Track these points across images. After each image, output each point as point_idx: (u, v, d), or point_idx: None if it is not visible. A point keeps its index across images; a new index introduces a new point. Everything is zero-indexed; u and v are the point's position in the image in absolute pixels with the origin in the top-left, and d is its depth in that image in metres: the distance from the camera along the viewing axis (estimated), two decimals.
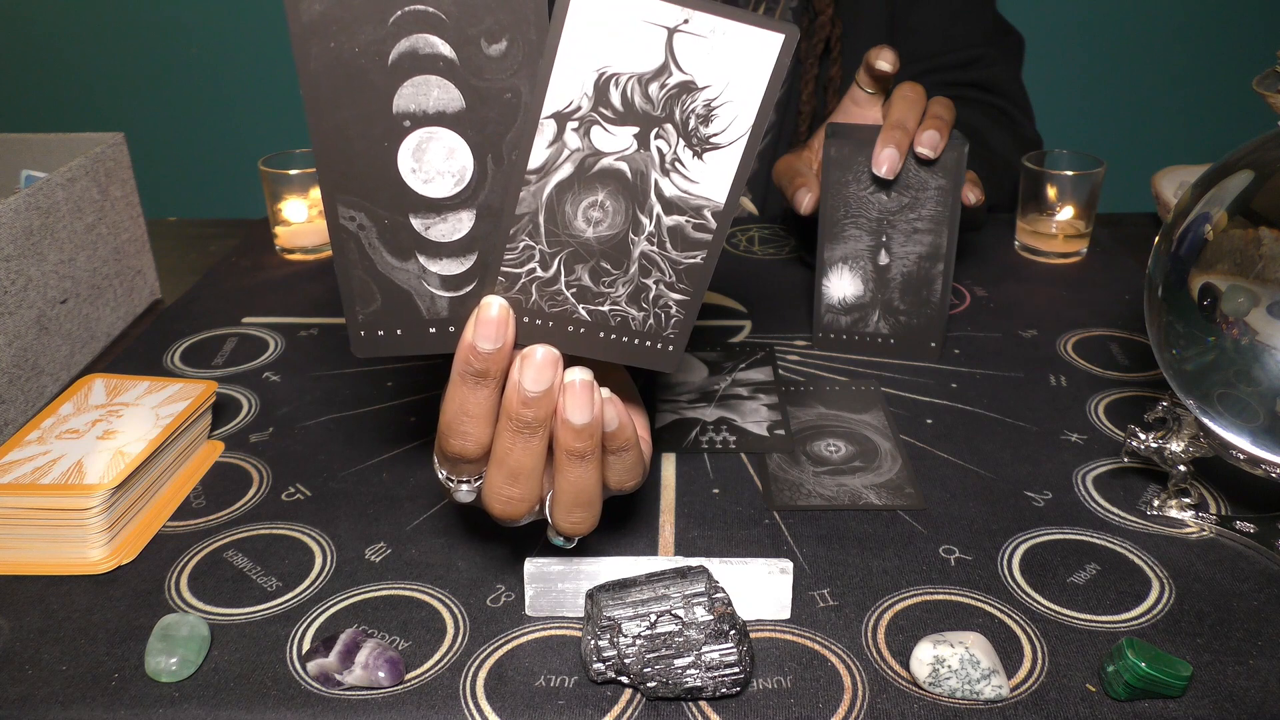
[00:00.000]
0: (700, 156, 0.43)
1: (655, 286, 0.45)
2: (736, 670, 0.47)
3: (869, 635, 0.51)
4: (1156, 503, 0.60)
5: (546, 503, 0.48)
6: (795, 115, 1.03)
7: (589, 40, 0.40)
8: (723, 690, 0.47)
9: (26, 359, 0.73)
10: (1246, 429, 0.52)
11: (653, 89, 0.41)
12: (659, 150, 0.43)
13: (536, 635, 0.52)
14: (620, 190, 0.43)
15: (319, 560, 0.57)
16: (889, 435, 0.68)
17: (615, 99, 0.41)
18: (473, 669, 0.50)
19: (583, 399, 0.44)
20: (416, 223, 0.43)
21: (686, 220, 0.44)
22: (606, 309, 0.45)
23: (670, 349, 0.47)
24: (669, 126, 0.42)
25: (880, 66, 0.76)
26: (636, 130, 0.42)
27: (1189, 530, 0.58)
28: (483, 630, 0.52)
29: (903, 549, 0.57)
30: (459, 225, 0.43)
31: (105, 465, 0.57)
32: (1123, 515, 0.60)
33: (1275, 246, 0.49)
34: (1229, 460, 0.55)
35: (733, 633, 0.47)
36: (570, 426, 0.44)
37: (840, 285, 0.76)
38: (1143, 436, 0.58)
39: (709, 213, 0.44)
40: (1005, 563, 0.56)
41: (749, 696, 0.48)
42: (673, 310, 0.46)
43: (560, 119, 0.41)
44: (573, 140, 0.42)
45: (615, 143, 0.42)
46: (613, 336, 0.46)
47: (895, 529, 0.59)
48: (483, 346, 0.43)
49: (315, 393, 0.74)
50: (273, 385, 0.76)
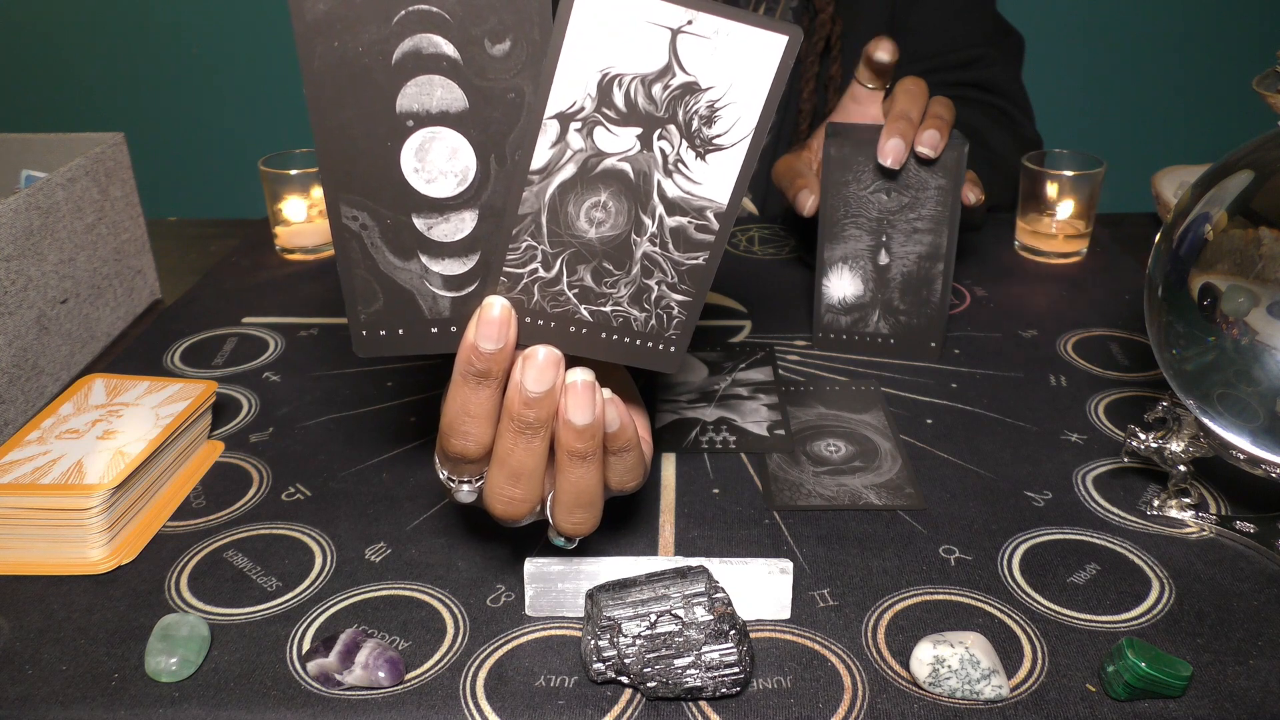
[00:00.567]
0: (703, 158, 0.43)
1: (657, 287, 0.45)
2: (736, 670, 0.47)
3: (869, 635, 0.51)
4: (1156, 503, 0.60)
5: (547, 503, 0.48)
6: (795, 114, 1.03)
7: (592, 41, 0.40)
8: (723, 690, 0.47)
9: (26, 359, 0.73)
10: (1246, 429, 0.52)
11: (656, 90, 0.41)
12: (662, 151, 0.43)
13: (536, 635, 0.52)
14: (623, 191, 0.43)
15: (319, 560, 0.57)
16: (889, 435, 0.68)
17: (618, 100, 0.41)
18: (473, 669, 0.50)
19: (584, 400, 0.44)
20: (419, 222, 0.43)
21: (689, 221, 0.44)
22: (608, 309, 0.45)
23: (672, 350, 0.47)
24: (672, 127, 0.42)
25: (879, 57, 0.76)
26: (639, 131, 0.42)
27: (1189, 530, 0.58)
28: (483, 630, 0.52)
29: (903, 549, 0.57)
30: (461, 225, 0.43)
31: (105, 465, 0.57)
32: (1123, 515, 0.60)
33: (1275, 246, 0.49)
34: (1229, 460, 0.55)
35: (733, 633, 0.47)
36: (572, 427, 0.44)
37: (840, 285, 0.76)
38: (1143, 436, 0.58)
39: (711, 214, 0.44)
40: (1005, 563, 0.56)
41: (749, 696, 0.48)
42: (675, 311, 0.46)
43: (563, 119, 0.41)
44: (576, 141, 0.42)
45: (618, 143, 0.42)
46: (614, 337, 0.46)
47: (895, 529, 0.59)
48: (485, 347, 0.43)
49: (315, 393, 0.74)
50: (273, 385, 0.76)
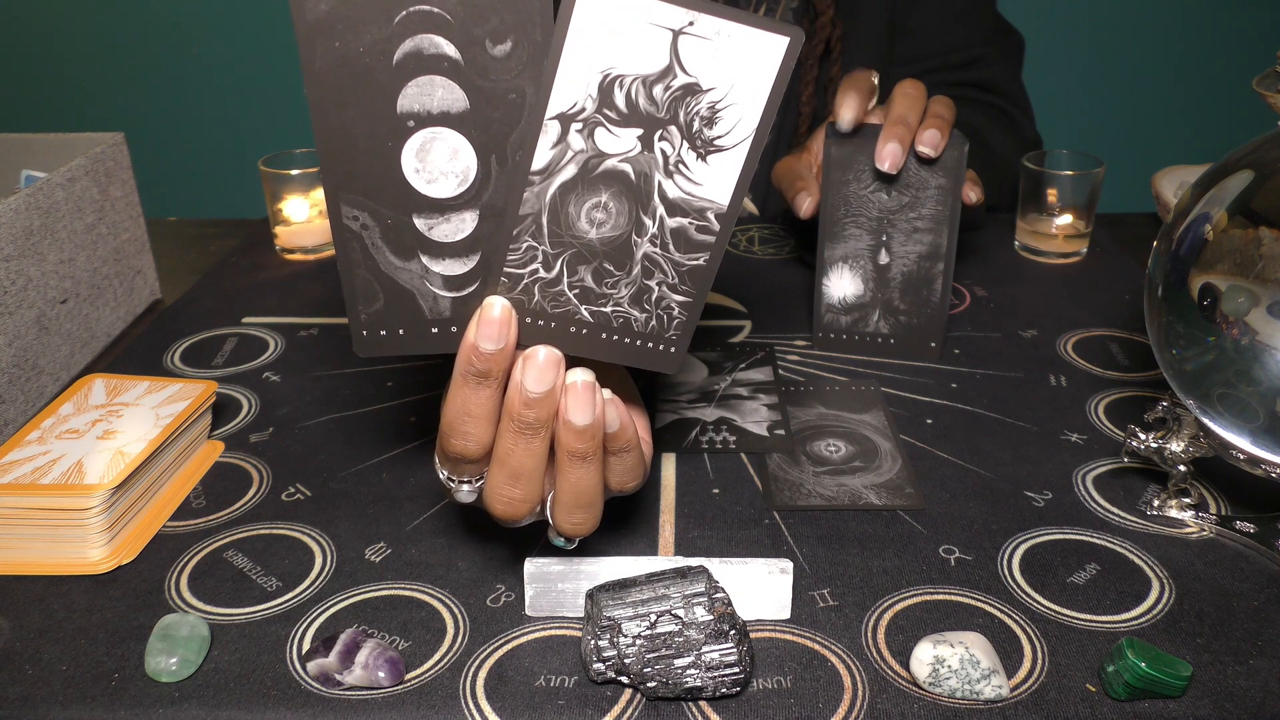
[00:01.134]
0: (704, 159, 0.43)
1: (658, 288, 0.45)
2: (736, 670, 0.47)
3: (869, 635, 0.51)
4: (1156, 503, 0.60)
5: (547, 504, 0.48)
6: (795, 116, 1.03)
7: (594, 42, 0.40)
8: (723, 690, 0.47)
9: (26, 359, 0.73)
10: (1246, 429, 0.52)
11: (657, 91, 0.41)
12: (663, 152, 0.43)
13: (536, 635, 0.52)
14: (623, 192, 0.43)
15: (319, 560, 0.57)
16: (889, 435, 0.68)
17: (619, 100, 0.41)
18: (473, 669, 0.50)
19: (584, 400, 0.44)
20: (420, 223, 0.43)
21: (690, 222, 0.44)
22: (609, 310, 0.45)
23: (672, 350, 0.47)
24: (673, 128, 0.42)
25: (842, 127, 0.73)
26: (640, 132, 0.42)
27: (1189, 530, 0.58)
28: (483, 630, 0.52)
29: (903, 549, 0.57)
30: (462, 226, 0.43)
31: (105, 465, 0.57)
32: (1123, 515, 0.60)
33: (1275, 246, 0.49)
34: (1229, 460, 0.55)
35: (733, 633, 0.47)
36: (572, 427, 0.44)
37: (840, 285, 0.76)
38: (1143, 436, 0.58)
39: (712, 215, 0.44)
40: (1005, 563, 0.56)
41: (749, 696, 0.48)
42: (675, 312, 0.46)
43: (564, 120, 0.41)
44: (576, 141, 0.42)
45: (619, 144, 0.42)
46: (614, 337, 0.46)
47: (895, 529, 0.59)
48: (485, 347, 0.43)
49: (315, 393, 0.74)
50: (273, 385, 0.76)
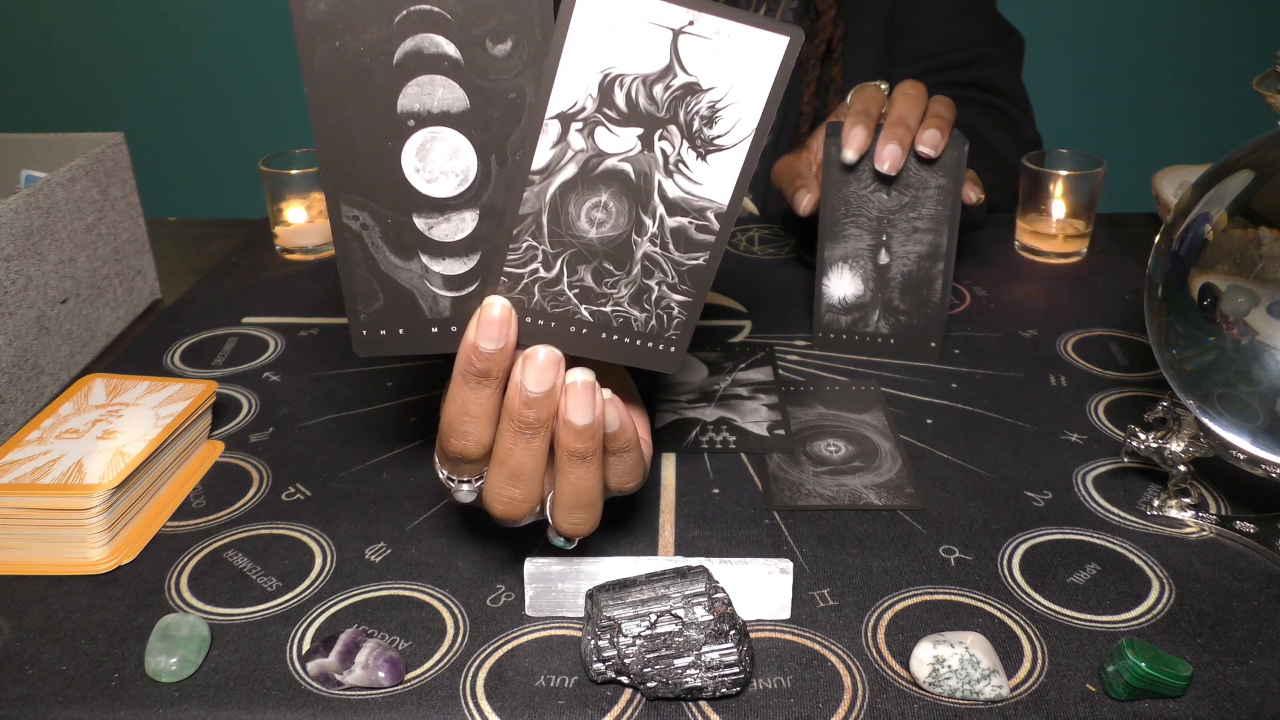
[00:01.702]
0: (704, 158, 0.43)
1: (658, 288, 0.45)
2: (736, 670, 0.47)
3: (869, 635, 0.51)
4: (1156, 503, 0.60)
5: (547, 504, 0.48)
6: (796, 116, 1.03)
7: (594, 41, 0.40)
8: (723, 690, 0.47)
9: (26, 359, 0.73)
10: (1246, 429, 0.52)
11: (657, 90, 0.41)
12: (663, 151, 0.43)
13: (536, 635, 0.52)
14: (623, 191, 0.43)
15: (319, 560, 0.57)
16: (889, 435, 0.68)
17: (619, 100, 0.41)
18: (473, 669, 0.50)
19: (584, 400, 0.44)
20: (419, 222, 0.43)
21: (689, 222, 0.44)
22: (609, 310, 0.45)
23: (672, 350, 0.47)
24: (673, 128, 0.42)
25: (847, 159, 0.71)
26: (640, 131, 0.42)
27: (1189, 530, 0.58)
28: (483, 630, 0.52)
29: (903, 549, 0.57)
30: (462, 225, 0.43)
31: (105, 465, 0.57)
32: (1123, 515, 0.60)
33: (1275, 246, 0.49)
34: (1229, 460, 0.55)
35: (733, 633, 0.47)
36: (572, 427, 0.44)
37: (840, 285, 0.76)
38: (1143, 436, 0.58)
39: (712, 214, 0.44)
40: (1005, 563, 0.56)
41: (749, 696, 0.48)
42: (675, 311, 0.46)
43: (564, 120, 0.41)
44: (577, 141, 0.42)
45: (619, 144, 0.42)
46: (614, 337, 0.46)
47: (895, 529, 0.59)
48: (485, 346, 0.43)
49: (315, 393, 0.74)
50: (273, 385, 0.76)
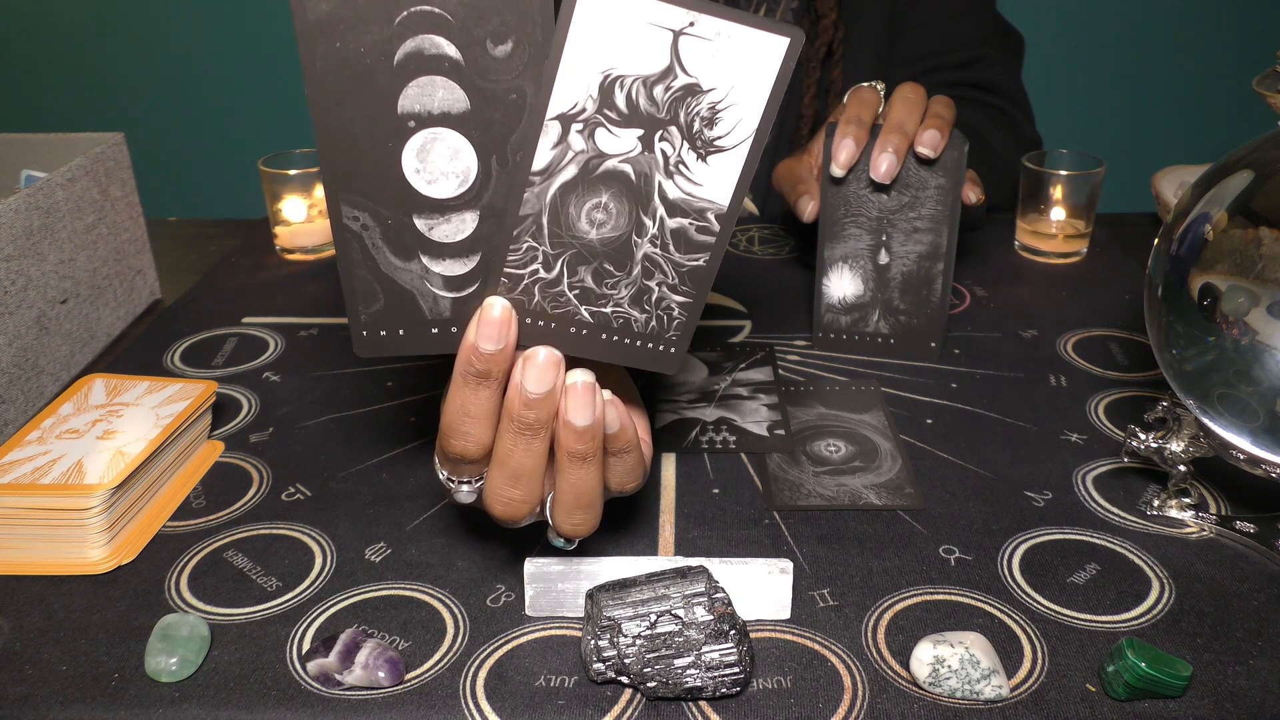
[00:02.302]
0: (704, 159, 0.43)
1: (658, 288, 0.45)
2: (736, 670, 0.47)
3: (869, 635, 0.51)
4: (1156, 503, 0.60)
5: (547, 504, 0.48)
6: (796, 118, 1.03)
7: (594, 42, 0.40)
8: (723, 690, 0.47)
9: (26, 359, 0.73)
10: (1246, 429, 0.52)
11: (657, 91, 0.41)
12: (663, 152, 0.43)
13: (536, 635, 0.52)
14: (624, 192, 0.43)
15: (319, 560, 0.57)
16: (889, 435, 0.68)
17: (620, 101, 0.41)
18: (473, 669, 0.50)
19: (584, 401, 0.44)
20: (420, 223, 0.43)
21: (690, 223, 0.44)
22: (609, 310, 0.45)
23: (672, 351, 0.47)
24: (673, 129, 0.42)
25: (835, 173, 0.72)
26: (641, 132, 0.42)
27: (1189, 530, 0.58)
28: (483, 630, 0.52)
29: (903, 549, 0.57)
30: (462, 226, 0.43)
31: (105, 465, 0.57)
32: (1123, 515, 0.60)
33: (1275, 246, 0.49)
34: (1229, 460, 0.55)
35: (733, 633, 0.47)
36: (572, 428, 0.44)
37: (840, 285, 0.76)
38: (1143, 436, 0.58)
39: (712, 215, 0.44)
40: (1005, 563, 0.56)
41: (749, 696, 0.48)
42: (675, 312, 0.46)
43: (565, 121, 0.41)
44: (577, 142, 0.42)
45: (619, 145, 0.42)
46: (614, 338, 0.46)
47: (895, 529, 0.59)
48: (485, 347, 0.43)
49: (315, 393, 0.74)
50: (273, 385, 0.76)
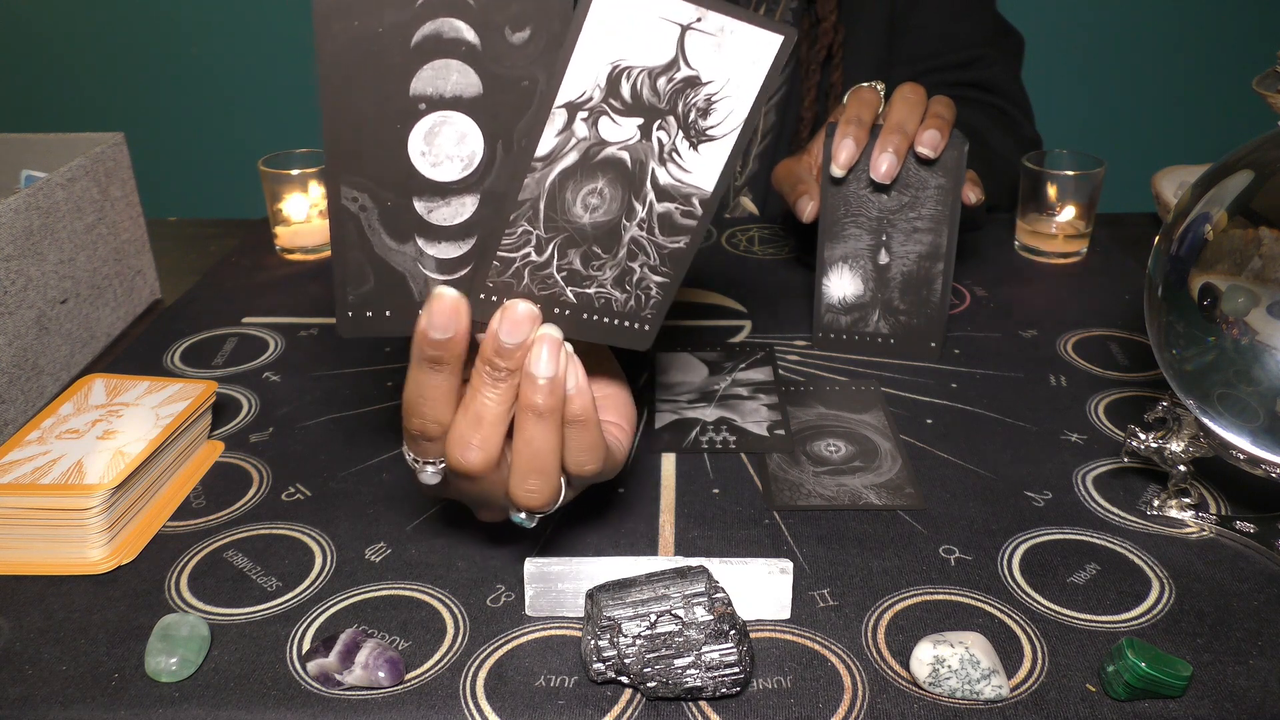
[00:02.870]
0: (695, 148, 0.44)
1: (640, 269, 0.47)
2: (736, 670, 0.47)
3: (869, 635, 0.51)
4: (1156, 503, 0.60)
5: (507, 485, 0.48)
6: (796, 121, 1.03)
7: (607, 34, 0.41)
8: (723, 690, 0.47)
9: (26, 359, 0.73)
10: (1246, 429, 0.52)
11: (661, 83, 0.43)
12: (659, 141, 0.44)
13: (536, 635, 0.52)
14: (619, 178, 0.44)
15: (319, 560, 0.57)
16: (889, 435, 0.68)
17: (625, 91, 0.42)
18: (473, 669, 0.50)
19: (548, 354, 0.45)
20: (419, 205, 0.43)
21: (676, 207, 0.46)
22: (592, 291, 0.47)
23: (647, 329, 0.49)
24: (671, 119, 0.44)
25: (835, 174, 0.72)
26: (641, 121, 0.43)
27: (1189, 530, 0.58)
28: (483, 630, 0.52)
29: (903, 549, 0.57)
30: (462, 209, 0.44)
31: (105, 465, 0.57)
32: (1123, 515, 0.60)
33: (1275, 246, 0.49)
34: (1229, 460, 0.55)
35: (733, 633, 0.47)
36: (532, 379, 0.45)
37: (840, 285, 0.76)
38: (1143, 436, 0.58)
39: (697, 200, 0.46)
40: (1005, 563, 0.56)
41: (749, 696, 0.48)
42: (653, 292, 0.48)
43: (572, 108, 0.42)
44: (581, 129, 0.43)
45: (620, 133, 0.43)
46: (595, 318, 0.47)
47: (895, 529, 0.59)
48: (434, 335, 0.43)
49: (315, 393, 0.74)
50: (273, 385, 0.76)
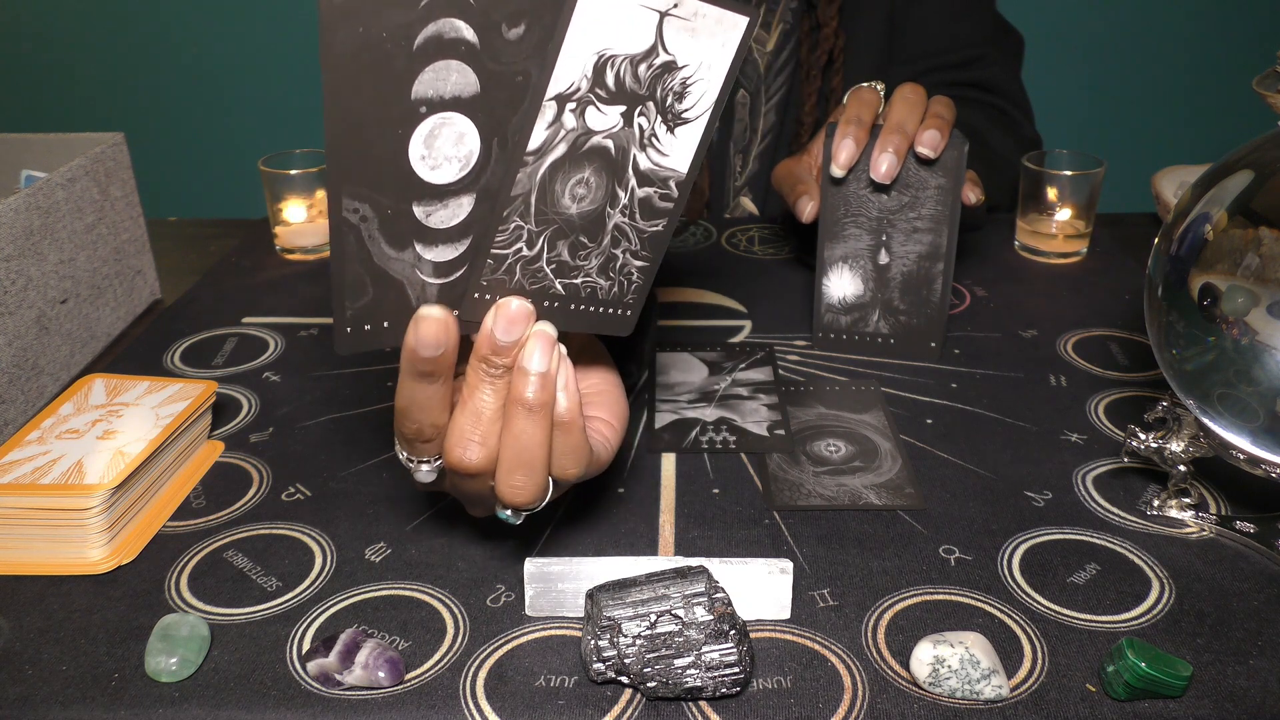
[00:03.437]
0: (672, 131, 0.45)
1: (623, 255, 0.48)
2: (736, 670, 0.47)
3: (869, 635, 0.51)
4: (1156, 503, 0.60)
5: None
6: (797, 125, 1.03)
7: (594, 23, 0.41)
8: (723, 690, 0.47)
9: (26, 359, 0.73)
10: (1246, 429, 0.52)
11: (642, 69, 0.43)
12: (640, 127, 0.45)
13: (536, 635, 0.52)
14: (604, 167, 0.45)
15: (319, 560, 0.57)
16: (889, 435, 0.68)
17: (609, 80, 0.43)
18: (473, 669, 0.50)
19: (540, 349, 0.45)
20: (418, 210, 0.43)
21: (654, 191, 0.47)
22: (579, 281, 0.47)
23: (628, 314, 0.49)
24: (650, 104, 0.44)
25: (835, 174, 0.72)
26: (624, 109, 0.44)
27: (1189, 530, 0.58)
28: (483, 630, 0.52)
29: (903, 549, 0.57)
30: (459, 210, 0.44)
31: (105, 465, 0.57)
32: (1123, 515, 0.60)
33: (1275, 246, 0.49)
34: (1229, 460, 0.55)
35: (733, 633, 0.47)
36: (524, 373, 0.45)
37: (840, 285, 0.76)
38: (1143, 436, 0.58)
39: (673, 183, 0.47)
40: (1005, 563, 0.56)
41: (749, 696, 0.48)
42: (634, 277, 0.48)
43: (561, 100, 0.42)
44: (570, 121, 0.43)
45: (605, 121, 0.44)
46: (581, 307, 0.48)
47: (895, 529, 0.59)
48: (424, 354, 0.44)
49: (315, 393, 0.74)
50: (273, 385, 0.76)
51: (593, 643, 0.47)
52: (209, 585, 0.56)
